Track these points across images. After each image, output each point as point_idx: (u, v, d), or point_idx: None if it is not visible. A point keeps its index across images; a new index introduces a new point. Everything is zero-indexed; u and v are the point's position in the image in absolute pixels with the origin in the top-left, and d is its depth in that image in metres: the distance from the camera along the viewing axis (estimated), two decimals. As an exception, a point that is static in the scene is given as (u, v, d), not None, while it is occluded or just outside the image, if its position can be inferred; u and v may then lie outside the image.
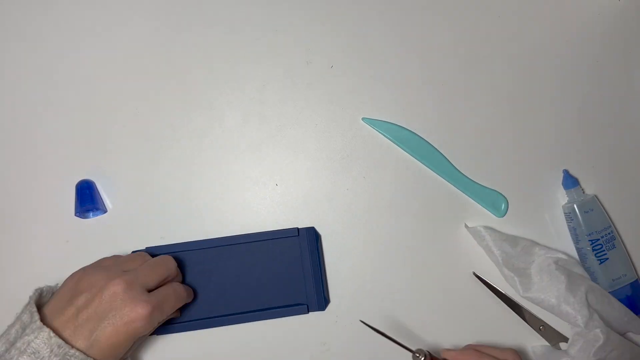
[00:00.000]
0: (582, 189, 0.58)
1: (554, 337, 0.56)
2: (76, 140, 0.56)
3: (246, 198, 0.56)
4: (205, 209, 0.56)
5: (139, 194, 0.56)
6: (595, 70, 0.61)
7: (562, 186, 0.58)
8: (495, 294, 0.56)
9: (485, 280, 0.56)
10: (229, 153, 0.57)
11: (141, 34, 0.57)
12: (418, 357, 0.46)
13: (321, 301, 0.54)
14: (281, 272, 0.54)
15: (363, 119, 0.58)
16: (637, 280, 0.57)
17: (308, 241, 0.54)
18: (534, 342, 0.56)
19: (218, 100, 0.57)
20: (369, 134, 0.58)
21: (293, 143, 0.57)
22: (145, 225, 0.55)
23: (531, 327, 0.56)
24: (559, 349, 0.56)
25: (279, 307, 0.53)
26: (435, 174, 0.58)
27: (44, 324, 0.40)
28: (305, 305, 0.53)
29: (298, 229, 0.54)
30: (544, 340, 0.56)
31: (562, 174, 0.58)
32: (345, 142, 0.58)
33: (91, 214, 0.55)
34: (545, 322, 0.56)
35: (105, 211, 0.55)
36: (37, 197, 0.55)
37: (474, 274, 0.57)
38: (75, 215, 0.54)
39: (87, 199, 0.53)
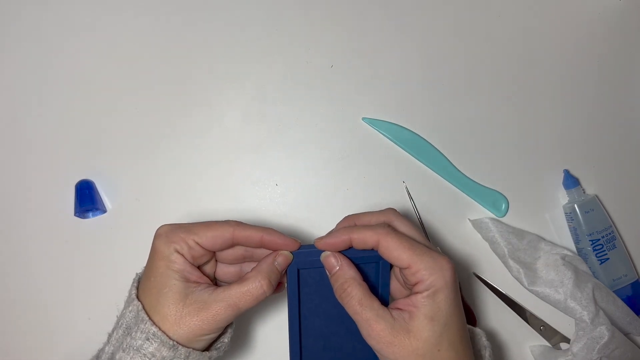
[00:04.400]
0: (583, 189, 0.58)
1: (554, 337, 0.56)
2: (76, 140, 0.56)
3: (246, 198, 0.56)
4: (205, 208, 0.56)
5: (139, 194, 0.55)
6: (596, 70, 0.61)
7: (562, 186, 0.58)
8: (495, 294, 0.56)
9: (485, 281, 0.56)
10: (229, 153, 0.57)
11: (141, 33, 0.57)
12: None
13: None
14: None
15: (363, 119, 0.58)
16: (637, 280, 0.57)
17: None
18: (534, 342, 0.56)
19: (218, 99, 0.57)
20: (369, 134, 0.58)
21: (293, 143, 0.57)
22: (144, 225, 0.55)
23: (532, 327, 0.56)
24: (560, 349, 0.56)
25: None
26: (435, 173, 0.58)
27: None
28: None
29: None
30: (544, 340, 0.56)
31: (562, 174, 0.58)
32: (345, 142, 0.58)
33: (91, 214, 0.55)
34: (545, 322, 0.56)
35: (104, 211, 0.55)
36: (37, 197, 0.55)
37: (475, 274, 0.57)
38: (74, 215, 0.54)
39: (87, 199, 0.53)
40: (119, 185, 0.55)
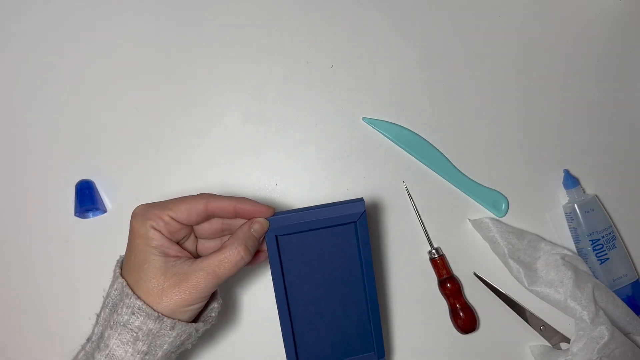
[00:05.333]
0: (583, 189, 0.58)
1: (554, 337, 0.56)
2: (76, 140, 0.56)
3: (246, 198, 0.56)
4: (205, 209, 0.56)
5: (139, 194, 0.55)
6: (596, 70, 0.61)
7: (562, 186, 0.58)
8: (495, 293, 0.56)
9: (485, 280, 0.56)
10: (229, 153, 0.57)
11: (141, 33, 0.57)
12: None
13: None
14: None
15: (363, 119, 0.58)
16: (637, 280, 0.57)
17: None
18: (534, 342, 0.56)
19: (218, 99, 0.57)
20: (369, 134, 0.58)
21: (293, 143, 0.57)
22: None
23: (532, 326, 0.56)
24: (560, 348, 0.56)
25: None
26: (435, 173, 0.58)
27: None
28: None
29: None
30: (544, 340, 0.56)
31: (562, 174, 0.58)
32: (345, 142, 0.58)
33: (91, 214, 0.55)
34: (545, 322, 0.56)
35: (104, 211, 0.55)
36: (37, 197, 0.55)
37: (475, 274, 0.57)
38: (74, 215, 0.54)
39: (87, 199, 0.53)
40: (119, 185, 0.55)
